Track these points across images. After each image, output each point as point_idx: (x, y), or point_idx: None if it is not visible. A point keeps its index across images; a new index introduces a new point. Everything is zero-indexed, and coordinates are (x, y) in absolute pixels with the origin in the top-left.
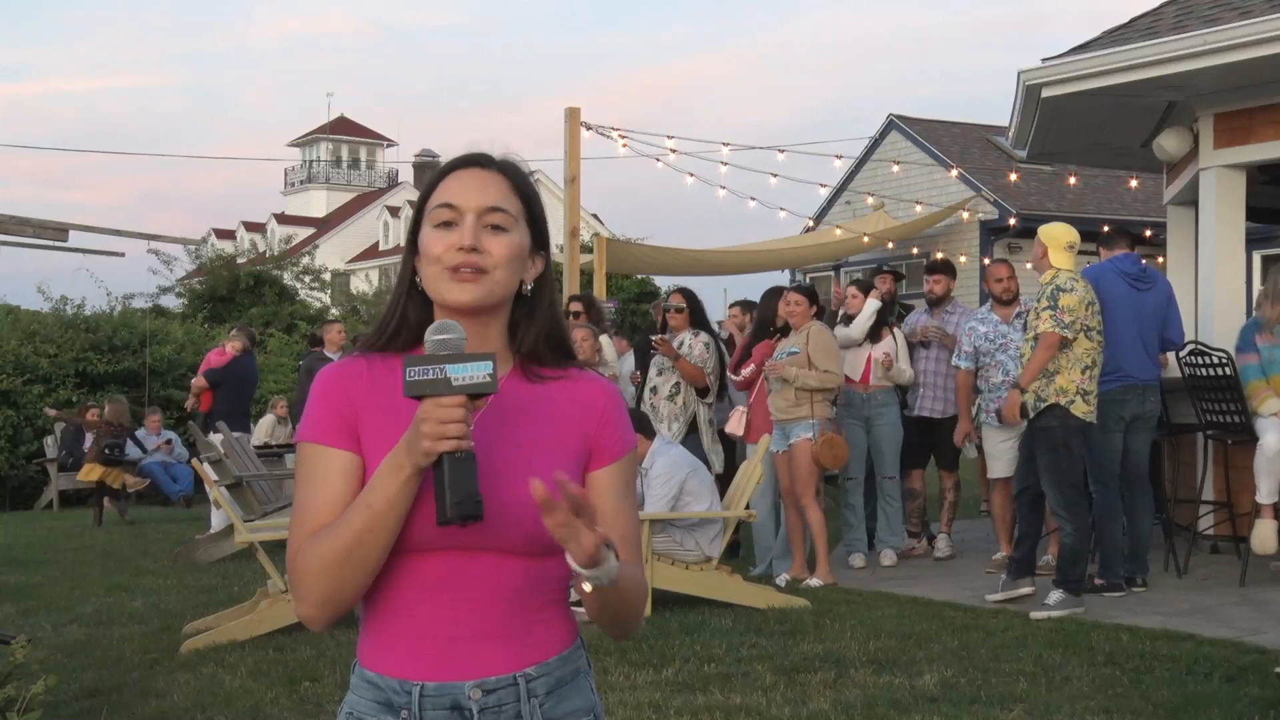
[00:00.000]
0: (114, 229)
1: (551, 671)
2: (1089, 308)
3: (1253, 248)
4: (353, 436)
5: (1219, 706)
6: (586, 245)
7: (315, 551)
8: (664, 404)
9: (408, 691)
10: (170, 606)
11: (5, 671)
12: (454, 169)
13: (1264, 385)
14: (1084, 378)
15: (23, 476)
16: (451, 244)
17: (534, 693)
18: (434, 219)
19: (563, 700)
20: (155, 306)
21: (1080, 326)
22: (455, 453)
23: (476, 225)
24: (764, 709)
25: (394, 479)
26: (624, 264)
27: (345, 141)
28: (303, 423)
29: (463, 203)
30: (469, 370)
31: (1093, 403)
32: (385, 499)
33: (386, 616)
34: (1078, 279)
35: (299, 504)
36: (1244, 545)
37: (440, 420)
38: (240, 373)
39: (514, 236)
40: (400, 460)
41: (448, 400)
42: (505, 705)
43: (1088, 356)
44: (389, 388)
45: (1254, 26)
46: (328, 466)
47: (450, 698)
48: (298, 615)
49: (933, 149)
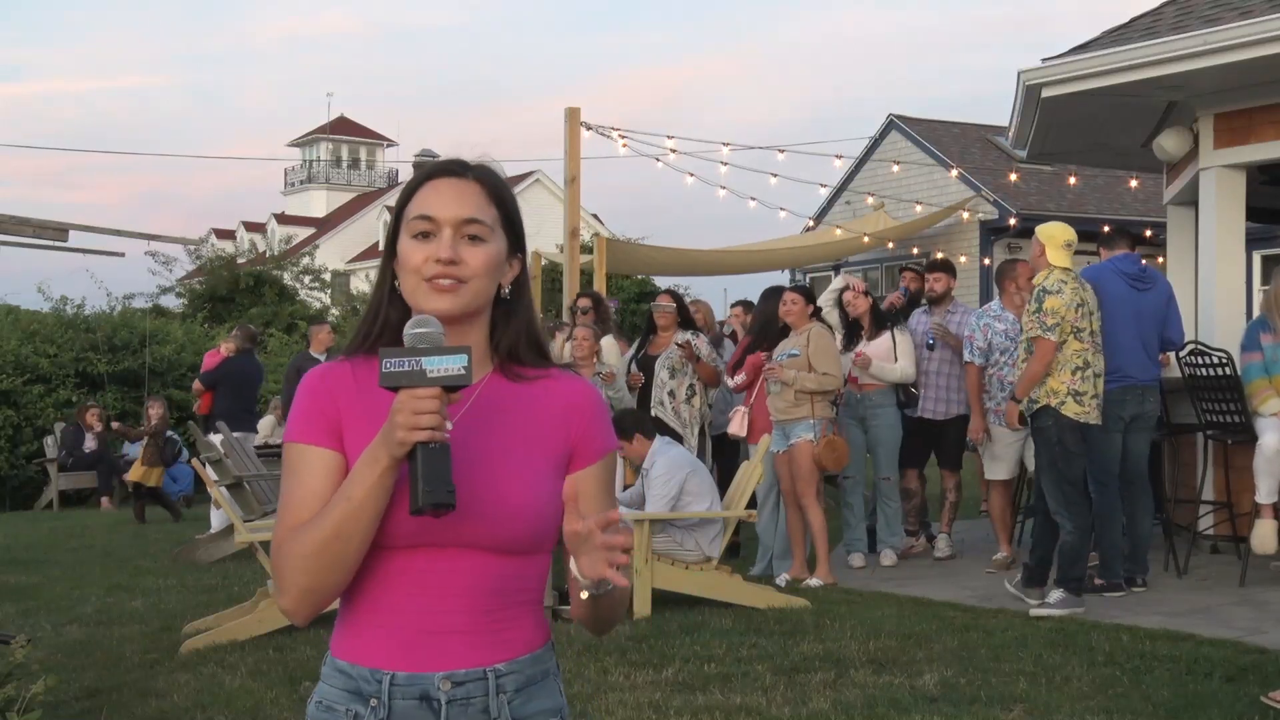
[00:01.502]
0: (114, 229)
1: (522, 669)
2: (1078, 309)
3: (1253, 248)
4: (336, 436)
5: (1219, 706)
6: (586, 245)
7: (296, 544)
8: (684, 407)
9: (378, 680)
10: (170, 606)
11: (5, 671)
12: (429, 178)
13: (1266, 384)
14: (1074, 379)
15: (23, 476)
16: (429, 255)
17: (503, 688)
18: (411, 229)
19: (531, 699)
20: (155, 306)
21: (1069, 328)
22: (429, 443)
23: (454, 237)
24: (764, 709)
25: (371, 471)
26: (624, 264)
27: (345, 141)
28: (288, 423)
29: (440, 214)
30: (444, 363)
31: (1087, 403)
32: (363, 491)
33: (361, 608)
34: (1067, 280)
35: (283, 500)
36: (1244, 545)
37: (414, 411)
38: (238, 372)
39: (491, 246)
40: (377, 452)
41: (422, 392)
42: (474, 699)
43: (1078, 358)
44: (372, 390)
45: (1254, 26)
46: (311, 464)
47: (420, 688)
48: (280, 607)
49: (933, 149)
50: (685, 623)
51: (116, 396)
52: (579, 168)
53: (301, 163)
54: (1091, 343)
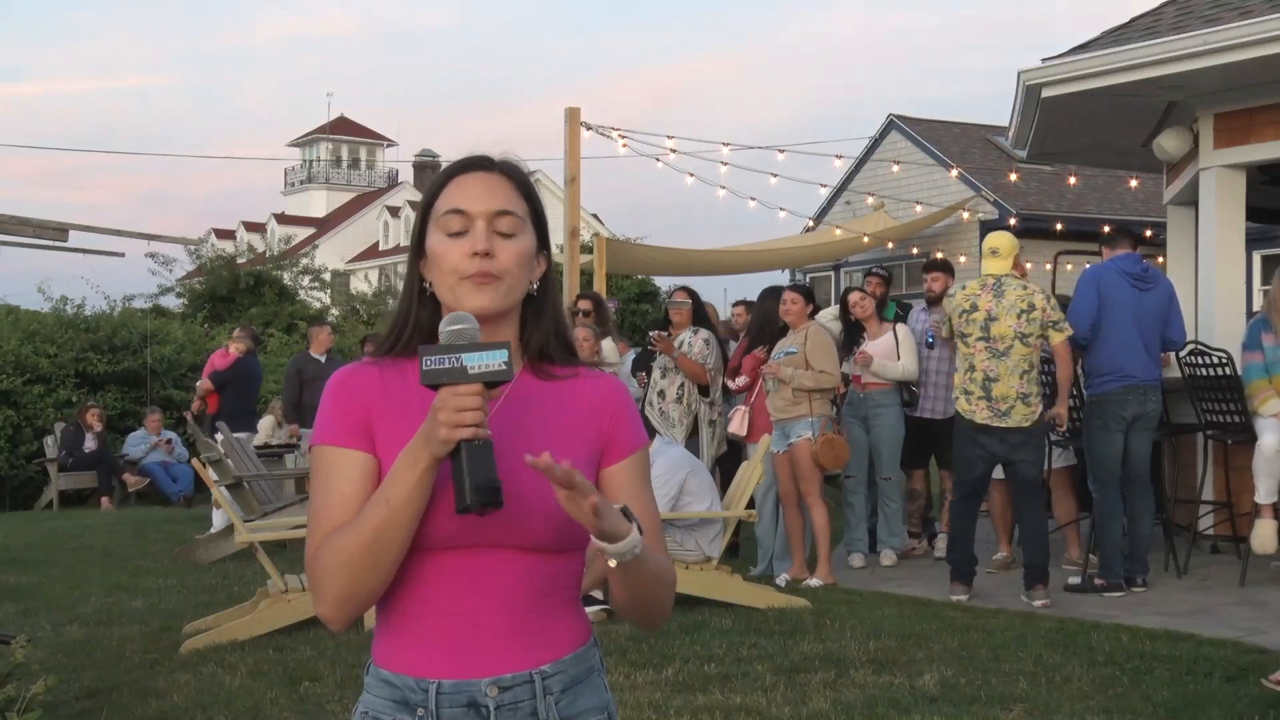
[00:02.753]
0: (114, 229)
1: (566, 669)
2: (961, 315)
3: (1253, 248)
4: (367, 438)
5: (1219, 706)
6: (586, 245)
7: (333, 549)
8: (673, 407)
9: (424, 690)
10: (170, 606)
11: (5, 671)
12: (457, 173)
13: (1266, 385)
14: (965, 378)
15: (23, 476)
16: (465, 251)
17: (550, 690)
18: (443, 226)
19: (578, 698)
20: (155, 306)
21: (955, 331)
22: (473, 441)
23: (488, 230)
24: (764, 709)
25: (411, 471)
26: (624, 264)
27: (345, 141)
28: (316, 427)
29: (472, 208)
30: (484, 359)
31: (975, 403)
32: (403, 492)
33: (402, 615)
34: (966, 285)
35: (315, 505)
36: (1244, 545)
37: (457, 408)
38: (245, 373)
39: (523, 240)
40: (417, 452)
41: (464, 388)
42: (522, 703)
43: (965, 361)
44: (401, 391)
45: (1254, 26)
46: (343, 467)
47: (467, 695)
48: (317, 614)
49: (933, 149)
50: (685, 623)
51: (116, 396)
52: (579, 168)
53: (301, 163)
54: (982, 348)
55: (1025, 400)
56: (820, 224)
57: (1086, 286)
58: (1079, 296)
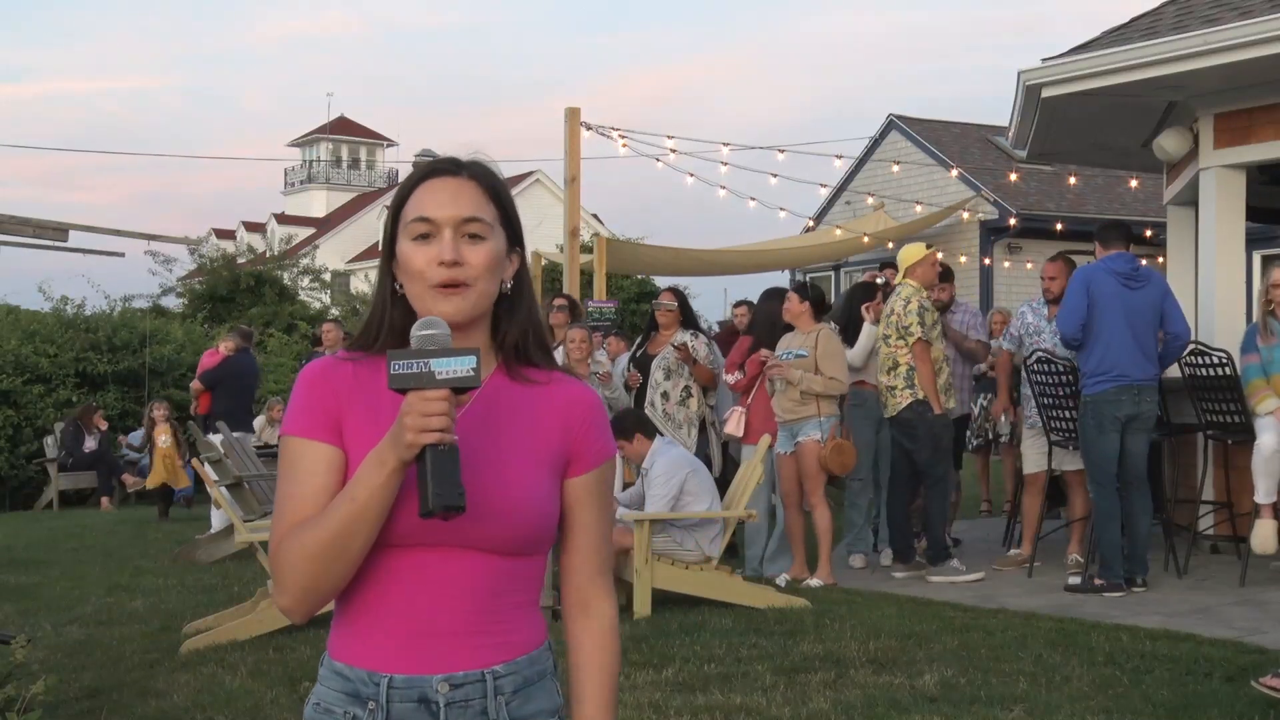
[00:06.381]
0: (114, 229)
1: (519, 670)
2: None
3: (1253, 248)
4: (336, 431)
5: (1219, 706)
6: (586, 245)
7: (298, 542)
8: (677, 408)
9: (376, 683)
10: (170, 606)
11: (5, 671)
12: (424, 178)
13: (1264, 384)
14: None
15: (23, 476)
16: (432, 258)
17: (501, 690)
18: (410, 232)
19: (529, 700)
20: (155, 306)
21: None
22: (438, 445)
23: (455, 237)
24: (764, 709)
25: (378, 473)
26: (624, 264)
27: (345, 141)
28: (286, 417)
29: (438, 215)
30: (452, 364)
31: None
32: (368, 492)
33: (359, 609)
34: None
35: (281, 496)
36: (1244, 545)
37: (424, 413)
38: (236, 372)
39: (492, 243)
40: (384, 454)
41: (431, 394)
42: (472, 701)
43: (889, 359)
44: (373, 388)
45: (1254, 26)
46: (311, 460)
47: (418, 690)
48: (277, 606)
49: (933, 149)
50: (685, 623)
51: (116, 396)
52: (579, 168)
53: (301, 163)
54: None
55: (891, 393)
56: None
57: (1076, 287)
58: (1068, 297)
